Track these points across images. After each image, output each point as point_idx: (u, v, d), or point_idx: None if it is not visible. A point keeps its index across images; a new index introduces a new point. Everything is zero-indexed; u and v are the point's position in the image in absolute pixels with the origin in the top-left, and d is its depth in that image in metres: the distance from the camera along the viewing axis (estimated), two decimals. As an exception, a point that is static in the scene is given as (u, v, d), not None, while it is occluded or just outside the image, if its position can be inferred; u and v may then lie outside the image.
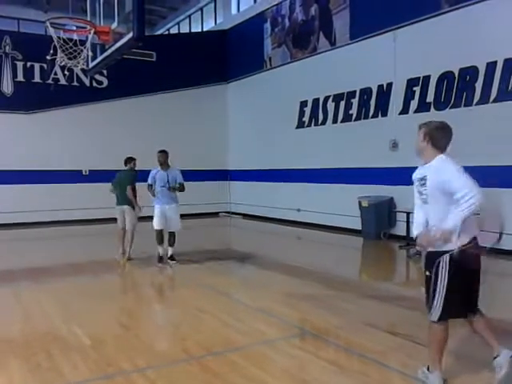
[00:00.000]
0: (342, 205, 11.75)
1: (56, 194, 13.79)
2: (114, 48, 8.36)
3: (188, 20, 19.62)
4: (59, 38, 8.49)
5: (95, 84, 14.77)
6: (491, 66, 8.69)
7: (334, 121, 12.33)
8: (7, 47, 13.70)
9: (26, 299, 6.00)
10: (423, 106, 9.96)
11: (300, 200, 13.38)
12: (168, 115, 15.39)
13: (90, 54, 8.98)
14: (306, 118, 13.33)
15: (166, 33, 20.90)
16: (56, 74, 14.07)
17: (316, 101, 12.90)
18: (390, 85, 10.72)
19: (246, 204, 15.83)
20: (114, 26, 8.36)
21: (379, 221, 10.55)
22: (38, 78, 14.06)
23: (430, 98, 9.82)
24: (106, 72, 14.12)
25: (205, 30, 18.24)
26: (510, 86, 8.46)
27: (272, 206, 14.47)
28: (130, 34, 7.49)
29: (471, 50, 8.98)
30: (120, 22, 8.14)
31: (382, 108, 10.94)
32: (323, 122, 12.70)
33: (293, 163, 13.63)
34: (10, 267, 8.07)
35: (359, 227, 11.05)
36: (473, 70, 8.99)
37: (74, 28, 9.45)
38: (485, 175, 8.31)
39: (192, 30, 19.17)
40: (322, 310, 5.34)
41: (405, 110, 10.37)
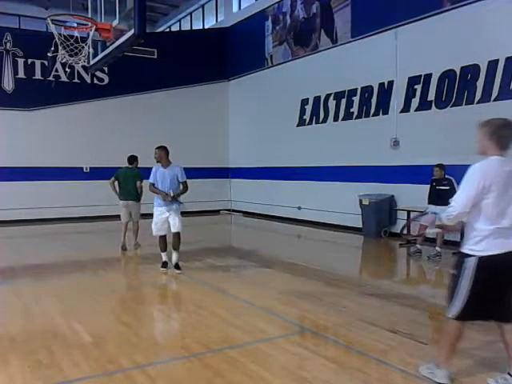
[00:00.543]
0: (342, 203, 11.75)
1: (57, 191, 13.80)
2: (115, 45, 8.36)
3: (189, 17, 19.60)
4: (60, 34, 8.49)
5: (96, 81, 14.78)
6: (493, 64, 8.67)
7: (335, 119, 12.32)
8: (8, 44, 13.69)
9: (26, 296, 6.00)
10: (424, 105, 9.95)
11: (301, 198, 13.39)
12: (169, 112, 15.39)
13: (91, 51, 8.98)
14: (306, 116, 13.32)
15: (168, 30, 20.89)
16: (57, 70, 14.08)
17: (317, 99, 12.88)
18: (391, 83, 10.71)
19: (247, 202, 15.84)
20: (115, 23, 8.36)
21: (380, 219, 10.56)
22: (38, 75, 14.06)
23: (431, 96, 9.81)
24: (106, 69, 14.11)
25: (206, 27, 18.21)
26: (511, 85, 8.45)
27: (273, 203, 14.48)
28: (131, 31, 7.49)
29: (473, 49, 8.98)
30: (121, 19, 8.14)
31: (383, 106, 10.93)
32: (324, 120, 12.70)
33: (293, 161, 13.64)
34: (11, 264, 8.07)
35: (360, 225, 11.06)
36: (474, 69, 8.98)
37: (75, 25, 9.46)
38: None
39: (193, 28, 19.15)
40: (321, 308, 5.35)
41: (406, 108, 10.36)
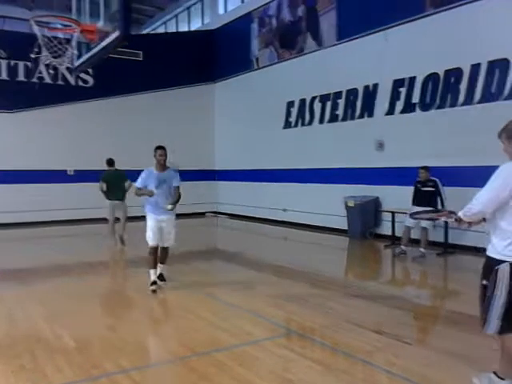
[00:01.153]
0: (327, 204, 11.80)
1: (41, 194, 13.60)
2: (99, 47, 8.27)
3: (175, 20, 19.55)
4: (44, 36, 8.39)
5: (81, 83, 14.64)
6: (475, 68, 8.80)
7: (321, 121, 12.38)
8: (-9, 45, 13.50)
9: (9, 300, 5.92)
10: (409, 107, 10.05)
11: (286, 200, 13.42)
12: (154, 115, 15.30)
13: (76, 52, 8.89)
14: (292, 119, 13.36)
15: (153, 32, 20.81)
16: (41, 72, 13.92)
17: (303, 101, 12.94)
18: (376, 86, 10.80)
19: (233, 204, 15.82)
20: (99, 24, 8.29)
21: (365, 220, 10.63)
22: (22, 77, 13.89)
23: (415, 98, 9.91)
24: (91, 71, 14.02)
25: (192, 29, 18.17)
26: (493, 88, 8.58)
27: (258, 205, 14.48)
28: (116, 33, 7.43)
29: (456, 52, 9.09)
30: (106, 20, 8.07)
31: (369, 109, 11.02)
32: (310, 123, 12.75)
33: (279, 163, 13.67)
34: (-7, 268, 7.96)
35: (345, 227, 11.11)
36: (458, 72, 9.10)
37: (59, 26, 9.35)
38: (472, 175, 8.37)
39: (179, 30, 19.11)
40: (307, 310, 5.36)
41: (391, 111, 10.45)
